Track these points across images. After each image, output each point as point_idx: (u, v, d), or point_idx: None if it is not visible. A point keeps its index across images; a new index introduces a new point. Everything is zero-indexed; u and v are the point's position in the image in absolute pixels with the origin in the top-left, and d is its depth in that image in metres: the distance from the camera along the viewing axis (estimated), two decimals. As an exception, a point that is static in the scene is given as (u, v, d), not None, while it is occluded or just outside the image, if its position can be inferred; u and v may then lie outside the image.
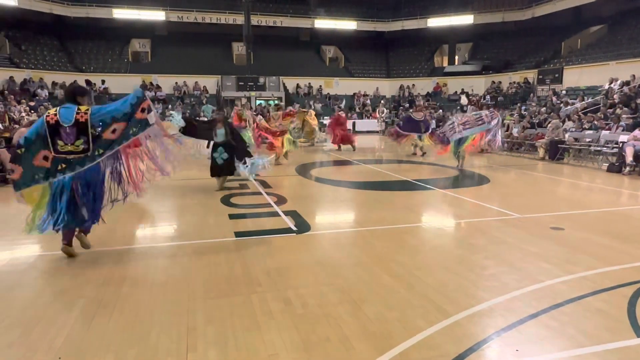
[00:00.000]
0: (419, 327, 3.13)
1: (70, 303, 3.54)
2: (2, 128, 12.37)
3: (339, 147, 16.25)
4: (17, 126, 12.34)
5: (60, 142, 4.26)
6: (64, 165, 4.31)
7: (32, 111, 18.12)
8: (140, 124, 4.51)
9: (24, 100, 19.76)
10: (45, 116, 4.35)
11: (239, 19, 28.44)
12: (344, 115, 17.85)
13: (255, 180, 8.89)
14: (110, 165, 4.56)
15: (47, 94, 23.05)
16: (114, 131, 4.39)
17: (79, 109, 4.35)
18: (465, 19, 30.04)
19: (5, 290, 3.83)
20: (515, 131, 16.14)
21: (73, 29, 27.89)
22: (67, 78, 25.01)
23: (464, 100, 26.49)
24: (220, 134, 7.92)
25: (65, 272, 4.23)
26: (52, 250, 4.74)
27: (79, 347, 2.90)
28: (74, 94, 4.56)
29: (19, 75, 23.29)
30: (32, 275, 4.21)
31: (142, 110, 4.51)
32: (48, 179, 4.32)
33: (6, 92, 20.84)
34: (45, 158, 4.27)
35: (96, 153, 4.36)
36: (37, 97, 22.19)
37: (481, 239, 5.27)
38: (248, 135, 12.80)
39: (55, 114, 4.29)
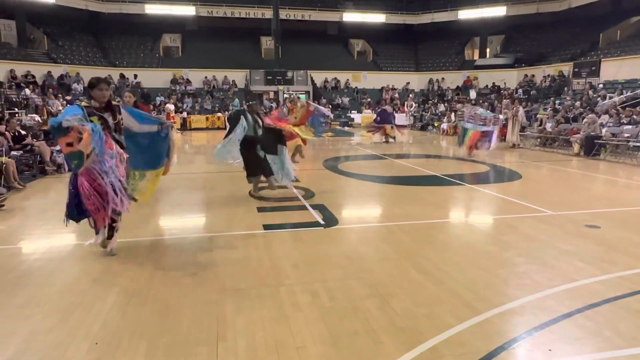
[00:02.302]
0: (448, 324, 3.10)
1: (105, 291, 3.66)
2: (41, 121, 12.84)
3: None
4: (54, 119, 12.77)
5: None
6: None
7: (69, 105, 18.71)
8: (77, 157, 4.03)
9: (60, 95, 20.43)
10: None
11: (268, 13, 28.57)
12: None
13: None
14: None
15: (82, 88, 23.75)
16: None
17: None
18: (497, 11, 29.24)
19: (45, 277, 3.99)
20: (548, 126, 15.68)
21: (107, 25, 28.63)
22: (101, 73, 25.72)
23: (472, 94, 26.48)
24: (248, 125, 6.66)
25: (100, 261, 4.36)
26: (87, 240, 4.89)
27: (114, 334, 3.00)
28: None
29: (56, 70, 24.10)
30: (69, 263, 4.37)
31: (69, 145, 3.95)
32: None
33: (46, 86, 21.64)
34: None
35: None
36: (73, 91, 22.91)
37: (512, 236, 5.16)
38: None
39: None
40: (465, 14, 30.25)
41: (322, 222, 5.74)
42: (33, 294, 3.61)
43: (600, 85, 20.35)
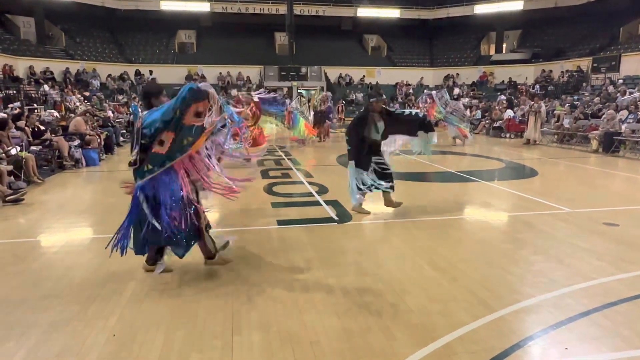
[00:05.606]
0: (462, 321, 3.08)
1: (122, 284, 3.72)
2: (59, 117, 13.03)
3: None
4: (72, 115, 12.97)
5: None
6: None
7: (86, 101, 18.97)
8: (196, 132, 3.50)
9: (76, 90, 20.71)
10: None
11: (282, 9, 28.55)
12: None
13: (297, 169, 8.95)
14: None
15: (99, 84, 24.07)
16: (161, 143, 3.50)
17: (142, 113, 3.65)
18: (514, 5, 28.79)
19: (64, 269, 4.07)
20: (566, 122, 15.42)
21: (123, 22, 28.91)
22: (118, 69, 26.08)
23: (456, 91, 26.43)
24: (381, 127, 5.87)
25: (117, 255, 4.40)
26: (104, 234, 4.97)
27: (131, 326, 3.05)
28: (149, 97, 3.86)
29: (74, 66, 24.44)
30: (87, 256, 4.45)
31: (197, 115, 3.46)
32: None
33: (64, 82, 21.98)
34: None
35: (145, 169, 3.56)
36: (90, 88, 23.22)
37: (528, 234, 5.10)
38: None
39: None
40: (482, 9, 29.82)
41: (335, 218, 5.75)
42: (52, 286, 3.69)
43: (620, 81, 19.95)
